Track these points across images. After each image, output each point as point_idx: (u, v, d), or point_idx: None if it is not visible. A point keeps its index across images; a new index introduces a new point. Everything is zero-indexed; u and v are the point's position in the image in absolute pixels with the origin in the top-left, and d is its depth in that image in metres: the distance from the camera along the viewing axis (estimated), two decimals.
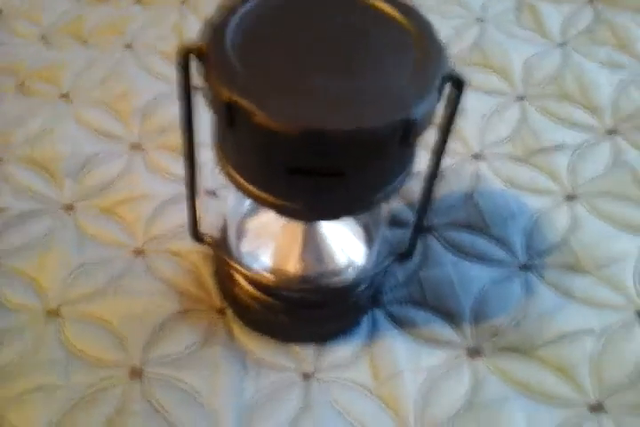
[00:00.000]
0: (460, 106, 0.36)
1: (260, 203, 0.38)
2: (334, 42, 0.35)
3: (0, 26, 0.69)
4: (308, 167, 0.34)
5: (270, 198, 0.37)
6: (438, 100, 0.34)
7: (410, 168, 0.39)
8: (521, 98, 0.66)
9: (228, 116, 0.33)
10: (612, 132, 0.63)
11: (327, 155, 0.33)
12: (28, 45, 0.68)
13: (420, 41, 0.35)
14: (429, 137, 0.38)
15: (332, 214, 0.40)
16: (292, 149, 0.33)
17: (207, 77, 0.34)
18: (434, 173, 0.42)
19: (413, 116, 0.32)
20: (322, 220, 0.46)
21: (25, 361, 0.47)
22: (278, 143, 0.33)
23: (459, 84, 0.35)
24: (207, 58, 0.33)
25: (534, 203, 0.58)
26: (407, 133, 0.33)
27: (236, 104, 0.32)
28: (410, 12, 0.36)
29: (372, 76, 0.34)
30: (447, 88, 0.35)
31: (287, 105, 0.32)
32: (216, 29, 0.34)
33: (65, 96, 0.63)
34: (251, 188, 0.38)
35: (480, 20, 0.72)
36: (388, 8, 0.36)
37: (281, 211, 0.39)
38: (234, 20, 0.35)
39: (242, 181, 0.38)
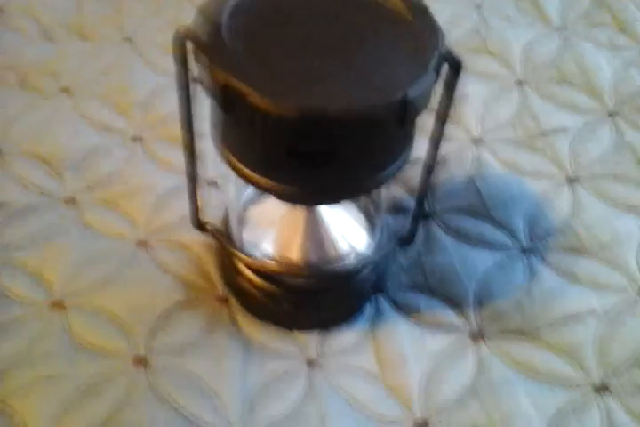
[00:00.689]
0: (457, 87, 0.36)
1: (260, 188, 0.38)
2: (331, 27, 0.35)
3: (1, 24, 0.70)
4: (306, 150, 0.35)
5: (269, 183, 0.37)
6: (435, 80, 0.34)
7: (408, 151, 0.39)
8: (521, 82, 0.66)
9: (225, 100, 0.33)
10: (612, 114, 0.63)
11: (325, 136, 0.33)
12: (28, 41, 0.68)
13: (415, 22, 0.35)
14: (428, 123, 0.38)
15: (332, 198, 0.41)
16: (290, 131, 0.33)
17: (201, 60, 0.34)
18: (433, 157, 0.42)
19: (410, 94, 0.32)
20: (321, 204, 0.46)
21: (31, 352, 0.47)
22: (275, 126, 0.33)
23: (456, 65, 0.35)
24: (203, 42, 0.34)
25: (536, 186, 0.58)
26: (405, 113, 0.33)
27: (232, 87, 0.32)
28: None
29: (368, 59, 0.34)
30: (445, 70, 0.35)
31: (283, 87, 0.32)
32: (209, 12, 0.35)
33: (65, 90, 0.64)
34: (250, 173, 0.38)
35: (478, 6, 0.72)
36: None
37: (280, 195, 0.39)
38: (230, 6, 0.35)
39: (241, 166, 0.38)
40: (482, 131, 0.62)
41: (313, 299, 0.51)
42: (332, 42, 0.34)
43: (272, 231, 0.51)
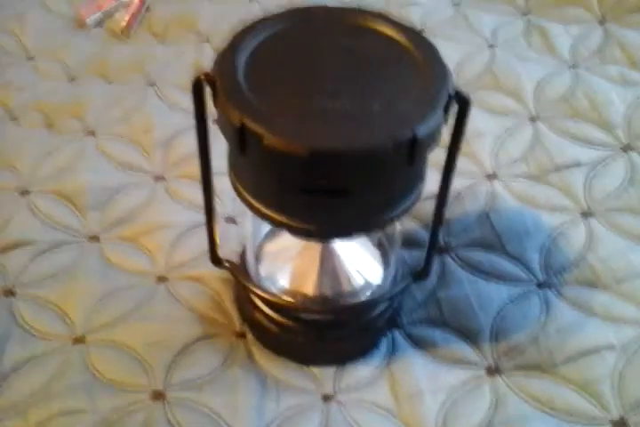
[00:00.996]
0: (466, 124, 0.37)
1: (275, 224, 0.39)
2: (340, 65, 0.37)
3: (30, 68, 0.73)
4: (318, 187, 0.36)
5: (284, 220, 0.38)
6: (445, 119, 0.35)
7: (420, 187, 0.40)
8: (534, 118, 0.67)
9: (240, 141, 0.34)
10: (625, 147, 0.63)
11: (336, 174, 0.34)
12: (55, 84, 0.71)
13: (423, 62, 0.36)
14: (441, 157, 0.39)
15: (344, 233, 0.41)
16: (302, 170, 0.34)
17: (218, 103, 0.35)
18: (445, 192, 0.42)
19: (419, 134, 0.33)
20: (334, 237, 0.46)
21: (52, 387, 0.48)
22: (288, 165, 0.34)
23: (464, 103, 0.36)
24: (218, 84, 0.35)
25: (550, 220, 0.58)
26: (414, 152, 0.34)
27: (246, 128, 0.33)
28: (413, 35, 0.38)
29: (377, 97, 0.35)
30: (454, 108, 0.35)
31: (295, 127, 0.33)
32: (226, 56, 0.36)
33: (90, 132, 0.66)
34: (264, 210, 0.39)
35: (491, 44, 0.74)
36: (391, 32, 0.38)
37: (295, 231, 0.40)
38: (243, 47, 0.36)
39: (256, 203, 0.39)
40: (495, 166, 0.63)
41: (329, 334, 0.51)
42: (342, 80, 0.36)
43: (288, 266, 0.52)
